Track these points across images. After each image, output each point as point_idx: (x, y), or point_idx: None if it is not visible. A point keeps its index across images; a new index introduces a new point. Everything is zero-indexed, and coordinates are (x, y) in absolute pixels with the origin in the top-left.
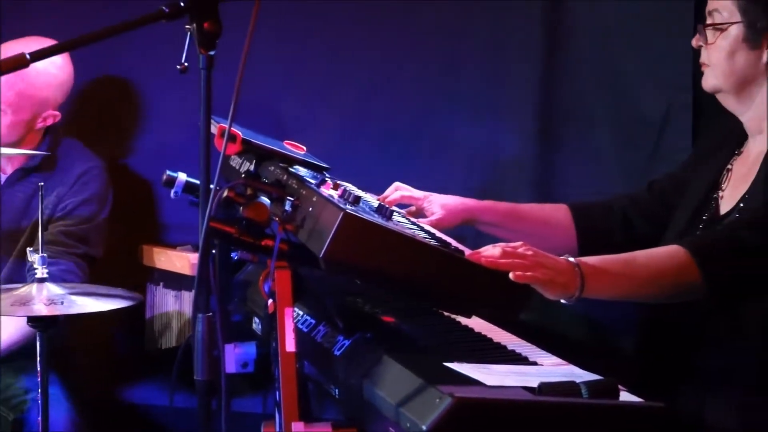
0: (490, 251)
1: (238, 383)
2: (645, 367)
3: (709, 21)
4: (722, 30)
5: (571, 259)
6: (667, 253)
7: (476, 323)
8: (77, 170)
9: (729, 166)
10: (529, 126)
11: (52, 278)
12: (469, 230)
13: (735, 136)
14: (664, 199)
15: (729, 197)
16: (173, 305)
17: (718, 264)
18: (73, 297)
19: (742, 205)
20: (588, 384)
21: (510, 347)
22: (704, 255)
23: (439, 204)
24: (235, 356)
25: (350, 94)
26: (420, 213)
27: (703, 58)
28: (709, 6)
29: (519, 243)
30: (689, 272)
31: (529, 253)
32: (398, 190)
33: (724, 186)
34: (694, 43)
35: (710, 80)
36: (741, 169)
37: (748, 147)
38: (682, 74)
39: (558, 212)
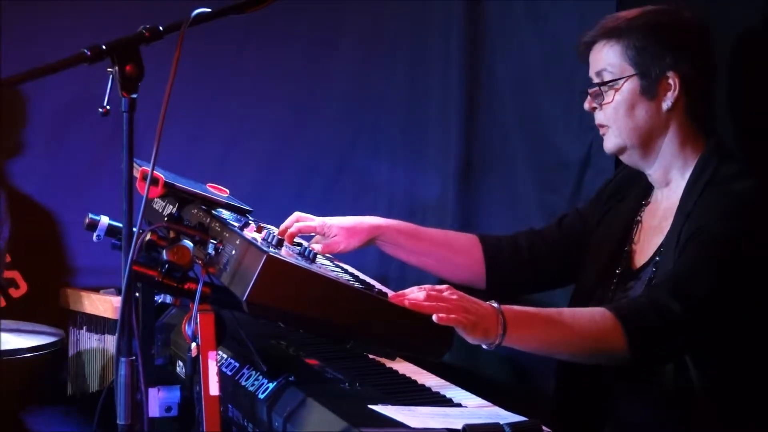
0: (415, 294)
1: (161, 427)
2: (567, 408)
3: (597, 80)
4: (617, 88)
5: (495, 304)
6: (593, 314)
7: (401, 365)
8: None
9: (638, 218)
10: (449, 169)
11: None
12: (393, 272)
13: (638, 185)
14: (572, 235)
15: (641, 250)
16: (96, 349)
17: (646, 335)
18: None
19: (658, 258)
20: (512, 425)
21: (434, 389)
22: (632, 325)
23: (336, 227)
24: (158, 400)
25: (271, 138)
26: (322, 240)
27: (600, 119)
28: (595, 67)
29: (444, 286)
30: (615, 339)
31: (454, 297)
32: (297, 221)
33: (635, 239)
34: (587, 106)
35: (613, 140)
36: (651, 221)
37: (655, 198)
38: None
39: (467, 240)
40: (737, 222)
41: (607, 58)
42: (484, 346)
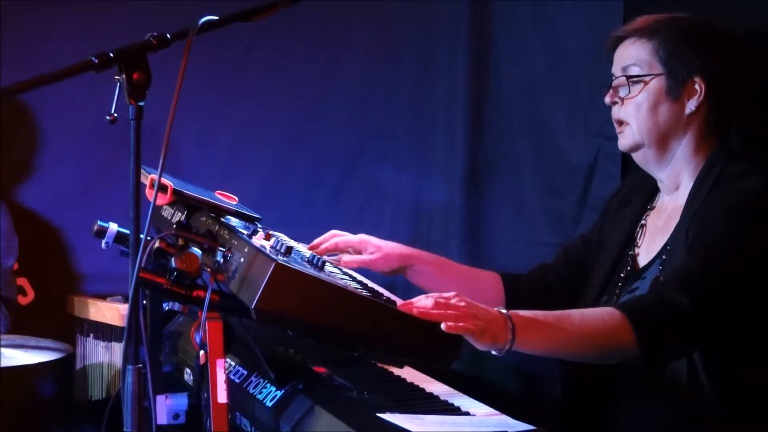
0: (423, 302)
1: None
2: (573, 413)
3: (621, 74)
4: (644, 83)
5: (503, 310)
6: (601, 313)
7: (409, 373)
8: None
9: (643, 222)
10: (456, 174)
11: None
12: (400, 280)
13: (643, 191)
14: (578, 261)
15: (645, 252)
16: (103, 356)
17: (654, 330)
18: (1, 349)
19: (664, 257)
20: None
21: (443, 397)
22: (640, 320)
23: (374, 245)
24: (166, 407)
25: (277, 144)
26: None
27: (619, 115)
28: (622, 62)
29: (451, 293)
30: (623, 335)
31: (462, 303)
32: (334, 237)
33: (639, 242)
34: (608, 99)
35: (630, 138)
36: (656, 223)
37: (662, 202)
38: (609, 123)
39: (490, 277)
40: (744, 219)
41: (637, 54)
42: (493, 352)
